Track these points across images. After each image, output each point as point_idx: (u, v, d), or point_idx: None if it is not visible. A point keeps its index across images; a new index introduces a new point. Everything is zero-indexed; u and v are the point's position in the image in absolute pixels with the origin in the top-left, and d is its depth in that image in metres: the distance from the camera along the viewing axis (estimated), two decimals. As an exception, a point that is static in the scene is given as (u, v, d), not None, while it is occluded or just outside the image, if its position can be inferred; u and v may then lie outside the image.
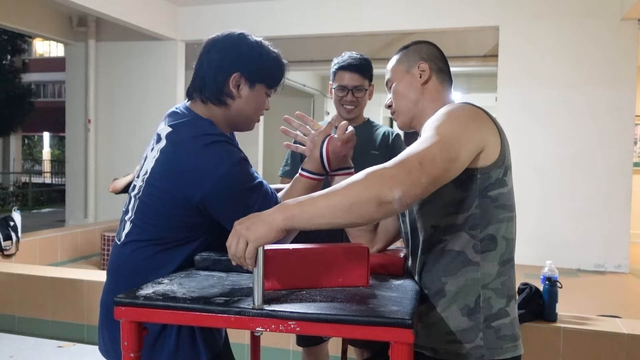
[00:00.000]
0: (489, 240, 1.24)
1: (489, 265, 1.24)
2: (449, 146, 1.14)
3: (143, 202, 1.38)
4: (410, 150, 1.13)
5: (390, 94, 1.46)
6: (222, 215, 1.31)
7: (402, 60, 1.44)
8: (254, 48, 1.42)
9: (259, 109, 1.48)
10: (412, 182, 1.06)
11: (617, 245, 5.68)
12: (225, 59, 1.40)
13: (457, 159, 1.15)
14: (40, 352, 3.37)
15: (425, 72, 1.40)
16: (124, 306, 1.13)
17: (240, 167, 1.31)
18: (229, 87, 1.40)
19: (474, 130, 1.21)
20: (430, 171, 1.09)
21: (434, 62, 1.42)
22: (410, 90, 1.41)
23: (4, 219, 4.83)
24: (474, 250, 1.24)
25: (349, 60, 2.18)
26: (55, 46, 22.93)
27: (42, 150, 24.92)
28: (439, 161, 1.10)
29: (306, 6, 6.61)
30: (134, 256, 1.39)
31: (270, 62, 1.44)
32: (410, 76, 1.41)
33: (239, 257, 1.06)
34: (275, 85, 1.48)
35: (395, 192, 1.04)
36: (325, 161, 1.44)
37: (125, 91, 7.31)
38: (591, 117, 5.76)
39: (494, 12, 6.02)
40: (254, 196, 1.31)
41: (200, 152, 1.29)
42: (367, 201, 1.04)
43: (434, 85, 1.41)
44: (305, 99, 11.87)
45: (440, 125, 1.19)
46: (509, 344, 1.24)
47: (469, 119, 1.23)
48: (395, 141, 2.26)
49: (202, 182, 1.28)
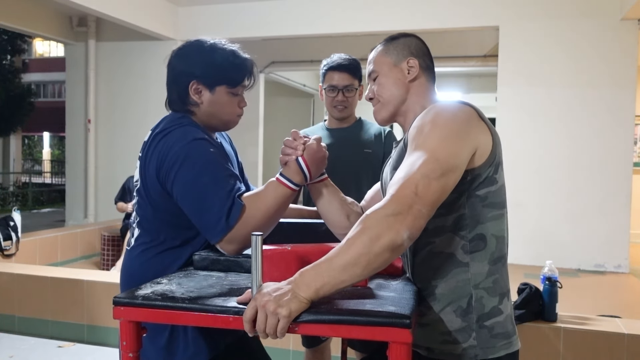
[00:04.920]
0: (479, 240, 1.23)
1: (478, 265, 1.23)
2: (441, 162, 1.11)
3: (140, 205, 1.43)
4: (402, 177, 1.10)
5: (374, 86, 1.40)
6: (176, 192, 1.33)
7: (390, 52, 1.37)
8: (206, 53, 1.45)
9: (230, 110, 1.49)
10: (415, 216, 1.05)
11: (617, 245, 5.67)
12: (181, 67, 1.45)
13: (452, 171, 1.13)
14: (40, 352, 3.37)
15: (414, 68, 1.35)
16: (123, 306, 1.13)
17: (192, 146, 1.33)
18: (190, 95, 1.44)
19: (463, 135, 1.18)
20: (428, 198, 1.07)
21: (422, 59, 1.37)
22: (396, 86, 1.36)
23: (4, 219, 4.84)
24: (462, 251, 1.23)
25: (338, 60, 2.20)
26: (55, 46, 22.92)
27: (42, 150, 24.91)
28: (434, 183, 1.09)
29: (306, 6, 6.61)
30: (141, 257, 1.43)
31: (225, 63, 1.45)
32: (397, 71, 1.36)
33: (271, 333, 1.02)
34: (237, 84, 1.47)
35: (404, 233, 1.04)
36: (304, 167, 1.36)
37: (125, 91, 7.31)
38: (591, 117, 5.76)
39: (494, 12, 6.02)
40: (203, 176, 1.30)
41: (162, 139, 1.36)
42: (381, 252, 1.03)
43: (420, 83, 1.36)
44: (305, 99, 11.86)
45: (428, 138, 1.16)
46: (502, 342, 1.23)
47: (457, 123, 1.19)
48: (387, 138, 2.26)
49: (162, 162, 1.34)
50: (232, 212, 1.27)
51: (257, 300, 1.02)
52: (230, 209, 1.27)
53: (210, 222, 1.28)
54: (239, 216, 1.27)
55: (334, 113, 2.25)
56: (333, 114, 2.26)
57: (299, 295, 1.02)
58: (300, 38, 7.18)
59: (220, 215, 1.26)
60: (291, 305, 1.01)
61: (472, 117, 1.22)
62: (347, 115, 2.26)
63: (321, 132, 2.33)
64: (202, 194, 1.29)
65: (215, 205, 1.27)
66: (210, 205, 1.27)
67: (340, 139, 2.25)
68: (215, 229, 1.27)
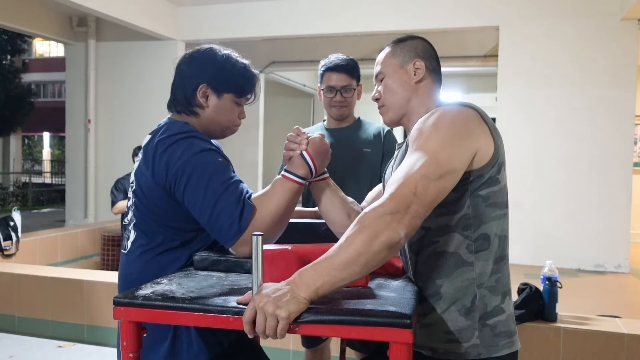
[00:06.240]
0: (483, 239, 1.24)
1: (483, 264, 1.24)
2: (441, 164, 1.13)
3: (137, 207, 1.43)
4: (401, 176, 1.12)
5: (380, 87, 1.42)
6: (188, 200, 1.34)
7: (397, 54, 1.39)
8: (220, 60, 1.49)
9: (231, 118, 1.52)
10: (412, 216, 1.08)
11: (617, 245, 5.67)
12: (192, 71, 1.48)
13: (451, 173, 1.14)
14: (40, 352, 3.37)
15: (421, 70, 1.37)
16: (123, 306, 1.13)
17: (202, 156, 1.35)
18: (197, 97, 1.47)
19: (464, 137, 1.19)
20: (426, 199, 1.10)
21: (429, 61, 1.39)
22: (402, 87, 1.37)
23: (4, 219, 4.83)
24: (467, 250, 1.24)
25: (336, 61, 2.20)
26: (55, 46, 22.92)
27: (42, 150, 24.91)
28: (432, 185, 1.11)
29: (306, 6, 6.61)
30: (140, 260, 1.43)
31: (237, 73, 1.49)
32: (403, 72, 1.38)
33: (270, 334, 1.03)
34: (244, 95, 1.52)
35: (401, 231, 1.06)
36: (309, 160, 1.40)
37: (125, 91, 7.30)
38: (591, 117, 5.76)
39: (494, 12, 6.02)
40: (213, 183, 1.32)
41: (168, 147, 1.36)
42: (379, 251, 1.05)
43: (426, 84, 1.38)
44: (305, 99, 11.86)
45: (429, 140, 1.18)
46: (505, 341, 1.24)
47: (458, 126, 1.20)
48: (387, 137, 2.27)
49: (169, 170, 1.34)
50: (243, 214, 1.30)
51: (256, 302, 1.02)
52: (242, 211, 1.30)
53: (224, 227, 1.30)
54: (250, 217, 1.30)
55: (333, 113, 2.25)
56: (331, 114, 2.26)
57: (299, 296, 1.02)
58: (300, 38, 7.18)
59: (232, 220, 1.29)
60: (290, 306, 1.01)
61: (473, 119, 1.23)
62: (346, 116, 2.26)
63: (320, 132, 2.33)
64: (214, 200, 1.31)
65: (227, 210, 1.29)
66: (221, 211, 1.30)
67: (340, 139, 2.25)
68: (228, 233, 1.30)
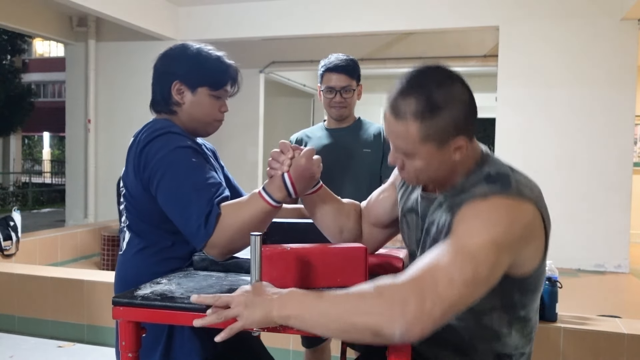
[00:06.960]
0: (525, 321, 1.22)
1: (516, 337, 1.21)
2: (477, 269, 0.98)
3: (128, 210, 1.45)
4: (431, 265, 0.99)
5: (406, 162, 1.15)
6: (160, 199, 1.34)
7: (429, 132, 1.08)
8: (191, 54, 1.49)
9: (210, 112, 1.50)
10: (422, 314, 0.93)
11: (617, 245, 5.67)
12: (165, 68, 1.49)
13: (484, 285, 1.00)
14: (40, 352, 3.37)
15: (462, 148, 1.11)
16: (122, 306, 1.13)
17: (176, 153, 1.35)
18: (172, 95, 1.47)
19: (514, 245, 1.04)
20: (447, 300, 0.94)
21: (469, 127, 1.11)
22: (440, 167, 1.14)
23: (4, 219, 4.83)
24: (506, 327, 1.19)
25: (336, 61, 2.19)
26: (55, 46, 22.92)
27: (42, 150, 24.92)
28: (461, 289, 0.96)
29: (306, 6, 6.60)
30: (134, 260, 1.43)
31: (209, 65, 1.48)
32: (440, 154, 1.11)
33: (220, 318, 1.02)
34: (220, 87, 1.49)
35: (397, 329, 0.92)
36: (289, 184, 1.29)
37: (126, 91, 7.30)
38: (591, 117, 5.76)
39: (494, 12, 6.01)
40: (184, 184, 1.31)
41: (146, 145, 1.37)
42: (362, 329, 0.95)
43: (466, 151, 1.14)
44: (305, 99, 11.85)
45: (474, 236, 1.01)
46: None
47: (511, 232, 1.04)
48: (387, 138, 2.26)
49: (145, 169, 1.35)
50: (209, 219, 1.27)
51: (238, 295, 1.03)
52: (208, 216, 1.27)
53: (192, 229, 1.29)
54: (215, 223, 1.27)
55: (333, 114, 2.25)
56: (331, 114, 2.26)
57: (272, 311, 1.00)
58: (300, 38, 7.17)
59: (199, 223, 1.27)
60: (256, 314, 1.00)
61: (531, 222, 1.08)
62: (346, 116, 2.26)
63: (320, 132, 2.33)
64: (184, 202, 1.30)
65: (195, 213, 1.28)
66: (191, 213, 1.28)
67: (339, 139, 2.25)
68: (197, 236, 1.28)
